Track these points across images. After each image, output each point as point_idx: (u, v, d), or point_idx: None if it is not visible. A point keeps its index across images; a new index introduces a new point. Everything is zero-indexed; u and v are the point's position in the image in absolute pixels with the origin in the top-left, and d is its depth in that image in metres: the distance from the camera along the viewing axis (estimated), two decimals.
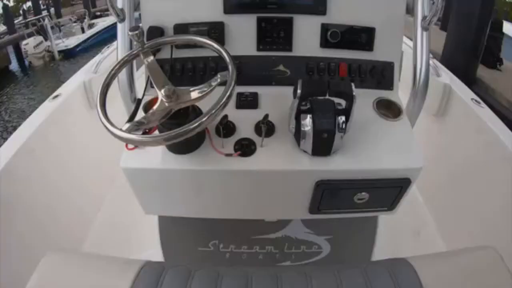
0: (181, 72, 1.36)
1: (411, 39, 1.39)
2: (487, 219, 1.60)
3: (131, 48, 1.35)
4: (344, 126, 1.07)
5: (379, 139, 1.21)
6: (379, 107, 1.31)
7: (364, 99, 1.30)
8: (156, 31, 1.33)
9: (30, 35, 16.88)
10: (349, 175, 1.17)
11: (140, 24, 1.36)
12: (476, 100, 1.84)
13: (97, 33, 18.26)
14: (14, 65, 17.40)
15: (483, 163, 1.68)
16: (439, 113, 2.03)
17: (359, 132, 1.20)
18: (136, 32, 1.01)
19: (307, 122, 1.07)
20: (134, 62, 1.31)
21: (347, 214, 1.35)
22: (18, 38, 17.62)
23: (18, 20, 22.78)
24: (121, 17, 1.34)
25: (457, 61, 5.62)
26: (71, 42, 17.00)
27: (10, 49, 17.69)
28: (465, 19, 5.59)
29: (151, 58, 1.08)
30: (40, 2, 28.25)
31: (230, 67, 0.99)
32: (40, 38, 16.49)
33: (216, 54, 1.06)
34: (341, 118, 1.06)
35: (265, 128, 1.15)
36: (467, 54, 5.64)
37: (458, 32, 5.72)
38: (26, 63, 16.73)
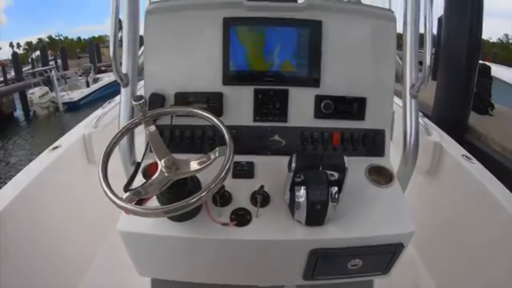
0: (180, 139, 1.42)
1: (401, 98, 1.46)
2: (485, 276, 1.59)
3: (133, 113, 1.42)
4: (337, 196, 1.11)
5: (371, 206, 1.25)
6: (371, 174, 1.36)
7: (357, 166, 1.35)
8: (157, 98, 1.41)
9: (36, 84, 17.51)
10: (343, 243, 1.19)
11: (142, 91, 1.43)
12: (466, 156, 1.89)
13: (101, 88, 18.83)
14: (18, 112, 17.94)
15: (477, 219, 1.70)
16: (431, 171, 2.07)
17: (352, 200, 1.24)
18: (140, 102, 1.08)
19: (301, 193, 1.11)
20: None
21: (341, 279, 1.35)
22: (25, 86, 18.30)
23: (26, 68, 23.62)
24: (125, 82, 1.42)
25: (448, 111, 5.79)
26: (76, 95, 17.55)
27: (16, 96, 18.33)
28: (453, 68, 5.82)
29: (153, 127, 1.14)
30: (49, 52, 29.54)
31: (228, 143, 1.04)
32: (46, 88, 17.10)
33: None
34: (334, 189, 1.10)
35: (261, 198, 1.19)
36: (458, 103, 5.80)
37: (447, 81, 5.92)
38: (31, 111, 17.22)
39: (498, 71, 9.16)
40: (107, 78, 20.04)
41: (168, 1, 1.46)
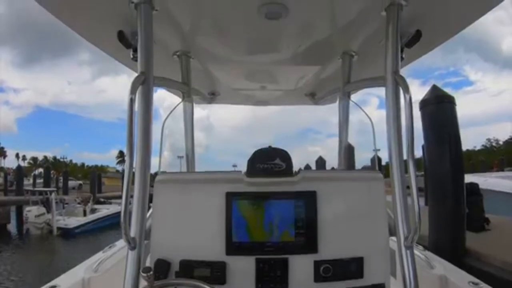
0: None
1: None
2: None
3: (138, 276, 1.42)
4: None
5: None
6: None
7: None
8: (163, 265, 1.49)
9: (34, 203, 17.49)
10: None
11: (148, 259, 1.51)
12: (473, 283, 1.83)
13: (97, 219, 18.59)
14: (12, 226, 17.72)
15: None
16: None
17: None
18: (148, 274, 1.15)
19: None
20: None
21: None
22: (23, 201, 18.32)
23: (27, 183, 23.81)
24: (132, 245, 1.45)
25: (443, 238, 5.81)
26: (72, 222, 17.17)
27: (13, 209, 18.28)
28: (440, 193, 6.06)
29: None
30: (52, 172, 30.18)
31: None
32: (43, 209, 17.01)
33: None
34: None
35: None
36: (452, 228, 5.84)
37: (437, 207, 6.09)
38: (25, 228, 16.91)
39: (483, 182, 9.36)
40: (105, 210, 19.99)
41: (176, 173, 1.63)
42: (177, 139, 2.64)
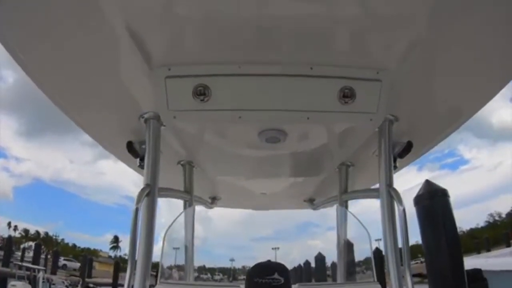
0: None
1: None
2: None
3: None
4: None
5: None
6: None
7: None
8: None
9: (20, 277, 16.53)
10: None
11: None
12: None
13: None
14: None
15: None
16: None
17: None
18: None
19: None
20: None
21: None
22: (9, 274, 17.27)
23: (16, 255, 22.71)
24: None
25: None
26: None
27: None
28: (440, 284, 5.86)
29: None
30: (42, 246, 29.06)
31: None
32: (29, 286, 16.10)
33: None
34: None
35: None
36: None
37: None
38: None
39: (486, 263, 9.09)
40: None
41: (176, 285, 1.71)
42: (174, 230, 2.73)
